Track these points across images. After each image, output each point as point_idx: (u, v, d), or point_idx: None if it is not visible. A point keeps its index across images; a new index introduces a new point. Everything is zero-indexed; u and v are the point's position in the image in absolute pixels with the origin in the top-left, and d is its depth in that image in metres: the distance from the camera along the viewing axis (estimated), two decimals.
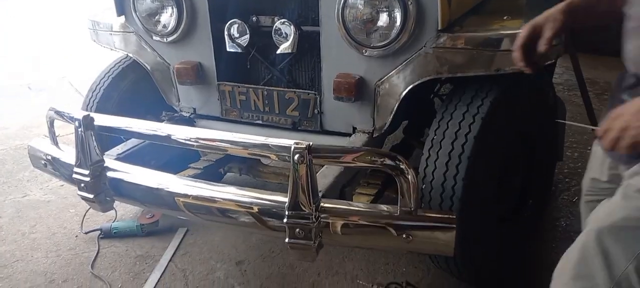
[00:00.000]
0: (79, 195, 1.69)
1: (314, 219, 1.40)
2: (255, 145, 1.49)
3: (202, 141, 1.54)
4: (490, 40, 1.60)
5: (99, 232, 2.53)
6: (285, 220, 1.41)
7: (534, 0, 2.32)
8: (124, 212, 2.70)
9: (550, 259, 2.22)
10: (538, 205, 2.28)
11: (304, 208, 1.39)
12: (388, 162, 1.37)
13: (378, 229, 1.43)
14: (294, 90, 1.97)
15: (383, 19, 1.67)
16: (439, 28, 1.62)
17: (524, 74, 1.66)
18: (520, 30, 1.61)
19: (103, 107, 2.30)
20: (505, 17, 1.76)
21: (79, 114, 1.60)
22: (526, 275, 2.15)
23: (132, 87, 2.40)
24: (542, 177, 2.26)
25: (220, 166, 2.39)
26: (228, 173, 2.50)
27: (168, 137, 1.59)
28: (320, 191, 1.49)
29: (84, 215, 2.62)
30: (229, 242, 2.45)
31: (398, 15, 1.64)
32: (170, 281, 2.21)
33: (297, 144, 1.37)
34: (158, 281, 2.20)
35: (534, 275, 2.14)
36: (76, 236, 2.56)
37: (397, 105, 1.80)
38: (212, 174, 2.29)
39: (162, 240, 2.49)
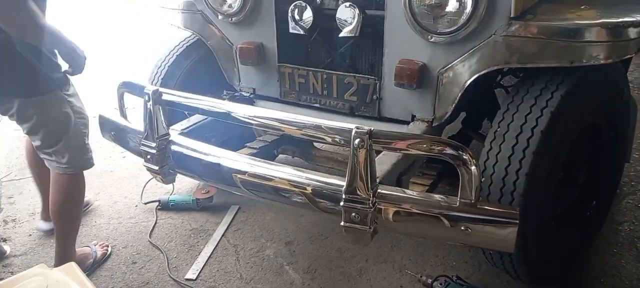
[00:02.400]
0: (144, 166, 1.76)
1: (370, 205, 1.39)
2: (316, 127, 1.49)
3: (268, 120, 1.56)
4: (566, 30, 1.52)
5: (157, 203, 2.64)
6: (341, 203, 1.41)
7: None
8: (181, 186, 2.81)
9: (611, 264, 2.14)
10: (602, 206, 2.18)
11: (361, 193, 1.39)
12: (451, 151, 1.34)
13: (436, 219, 1.40)
14: (354, 74, 1.96)
15: (452, 4, 1.62)
16: (512, 15, 1.55)
17: (599, 66, 1.58)
18: (598, 21, 1.54)
19: (166, 83, 2.39)
20: (582, 7, 1.66)
21: (149, 88, 1.66)
22: (585, 279, 2.06)
23: (194, 66, 2.47)
24: (608, 178, 2.15)
25: (274, 147, 2.43)
26: (280, 155, 2.54)
27: (232, 115, 1.62)
28: (377, 177, 1.48)
29: (144, 187, 2.76)
30: (280, 222, 2.50)
31: (468, 1, 1.58)
32: (222, 255, 2.29)
33: (358, 128, 1.36)
34: (211, 254, 2.29)
35: (592, 280, 2.05)
36: (136, 206, 2.69)
37: (460, 94, 1.76)
38: (266, 154, 2.33)
39: (215, 215, 2.57)
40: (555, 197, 1.75)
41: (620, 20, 1.54)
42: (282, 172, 1.58)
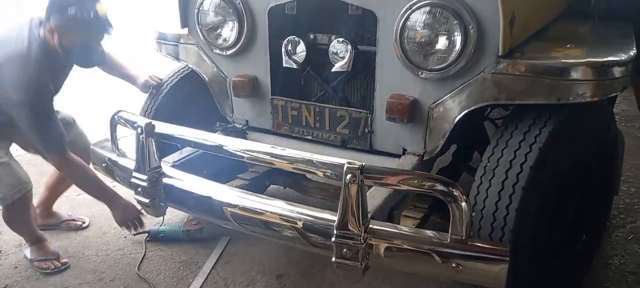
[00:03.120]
0: (135, 198, 1.75)
1: (362, 241, 1.39)
2: (308, 162, 1.50)
3: (259, 154, 1.58)
4: (553, 69, 1.56)
5: (147, 234, 2.61)
6: (333, 239, 1.41)
7: (597, 28, 2.26)
8: (171, 217, 2.78)
9: None
10: (592, 240, 2.18)
11: (352, 229, 1.39)
12: (441, 188, 1.35)
13: (427, 256, 1.40)
14: (346, 108, 1.99)
15: (442, 42, 1.66)
16: (500, 54, 1.59)
17: (586, 104, 1.61)
18: (584, 60, 1.58)
19: (159, 114, 2.39)
20: (568, 46, 1.71)
21: (142, 121, 1.67)
22: None
23: (187, 97, 2.49)
24: (597, 212, 2.16)
25: (266, 178, 2.44)
26: (272, 185, 2.54)
27: (224, 148, 1.63)
28: (369, 212, 1.48)
29: None
30: (270, 254, 2.48)
31: (458, 39, 1.62)
32: None
33: (350, 163, 1.37)
34: None
35: None
36: (125, 237, 2.65)
37: (450, 129, 1.78)
38: (258, 185, 2.33)
39: (205, 247, 2.54)
40: (546, 233, 1.76)
41: (606, 59, 1.58)
42: (273, 206, 1.59)
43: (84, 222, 2.74)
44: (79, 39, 2.04)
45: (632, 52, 1.66)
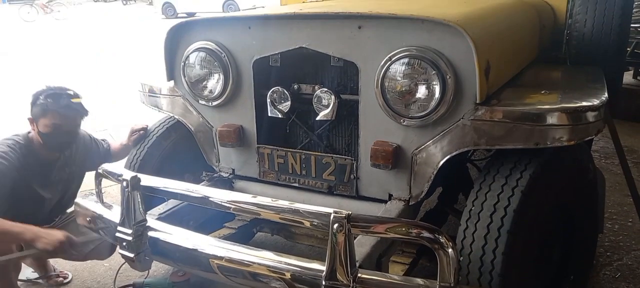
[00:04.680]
0: (120, 253, 1.73)
1: None
2: (294, 211, 1.51)
3: (246, 205, 1.58)
4: (529, 115, 1.61)
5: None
6: None
7: (569, 72, 2.35)
8: (156, 269, 2.72)
9: None
10: (579, 280, 2.19)
11: (341, 279, 1.39)
12: (428, 235, 1.36)
13: None
14: (331, 155, 2.01)
15: (422, 91, 1.71)
16: (477, 101, 1.65)
17: (564, 147, 1.66)
18: (559, 106, 1.64)
19: (146, 164, 2.39)
20: (542, 91, 1.77)
21: (127, 174, 1.67)
22: None
23: (173, 147, 2.50)
24: (583, 251, 2.18)
25: (253, 226, 2.42)
26: (259, 233, 2.52)
27: (210, 199, 1.63)
28: (357, 261, 1.48)
29: (118, 270, 2.65)
30: None
31: (437, 88, 1.67)
32: None
33: (336, 212, 1.38)
34: None
35: None
36: None
37: (434, 174, 1.81)
38: (245, 234, 2.31)
39: None
40: (533, 275, 1.77)
41: (580, 104, 1.64)
42: (260, 257, 1.57)
43: (66, 277, 2.67)
44: (53, 123, 2.20)
45: (604, 97, 1.73)
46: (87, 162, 2.50)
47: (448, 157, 1.76)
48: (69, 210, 2.58)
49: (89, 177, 2.01)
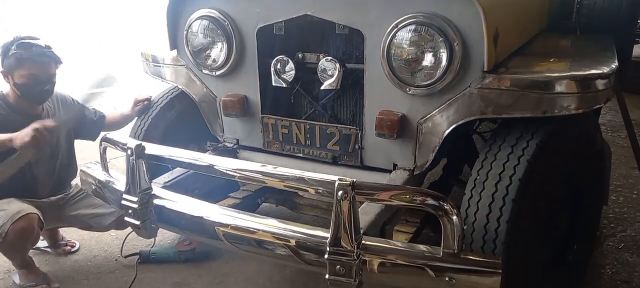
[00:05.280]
0: (126, 220, 1.74)
1: (355, 257, 1.39)
2: (299, 179, 1.51)
3: (251, 173, 1.58)
4: (538, 83, 1.58)
5: (138, 256, 2.58)
6: (326, 256, 1.41)
7: (579, 41, 2.31)
8: (162, 238, 2.75)
9: None
10: (583, 251, 2.20)
11: (345, 245, 1.39)
12: (432, 202, 1.37)
13: (421, 270, 1.41)
14: (336, 125, 2.00)
15: (428, 59, 1.68)
16: (485, 69, 1.62)
17: (571, 116, 1.64)
18: (568, 74, 1.61)
19: (150, 135, 2.39)
20: (551, 60, 1.74)
21: (132, 143, 1.67)
22: None
23: (177, 117, 2.49)
24: (588, 222, 2.18)
25: (258, 197, 2.43)
26: (264, 204, 2.53)
27: (215, 168, 1.63)
28: (361, 228, 1.48)
29: (124, 239, 2.69)
30: (264, 273, 2.46)
31: (443, 56, 1.65)
32: None
33: (341, 179, 1.38)
34: None
35: None
36: (116, 260, 2.63)
37: (439, 143, 1.80)
38: (250, 204, 2.32)
39: (198, 267, 2.52)
40: (538, 244, 1.77)
41: (589, 72, 1.62)
42: (265, 224, 1.58)
43: (73, 246, 2.71)
44: (30, 73, 2.19)
45: (614, 65, 1.70)
46: (73, 123, 2.46)
47: (454, 126, 1.75)
48: (73, 183, 2.60)
49: (92, 150, 2.01)
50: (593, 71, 1.62)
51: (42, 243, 2.67)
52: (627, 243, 2.63)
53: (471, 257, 1.41)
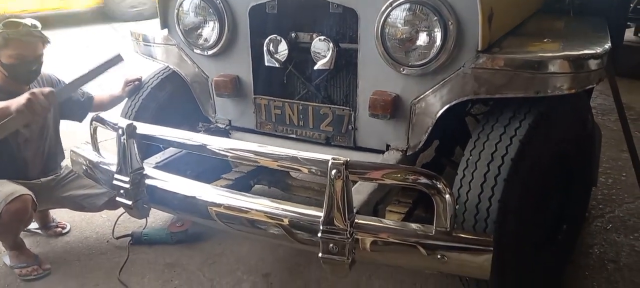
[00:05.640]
0: (118, 201, 1.73)
1: (348, 235, 1.40)
2: (292, 159, 1.50)
3: (244, 152, 1.57)
4: (531, 63, 1.59)
5: (130, 238, 2.58)
6: (319, 234, 1.41)
7: (573, 22, 2.31)
8: (154, 219, 2.75)
9: (584, 287, 2.18)
10: (572, 231, 2.23)
11: (338, 224, 1.40)
12: (425, 180, 1.37)
13: (413, 248, 1.42)
14: (329, 105, 1.99)
15: (422, 38, 1.68)
16: (479, 49, 1.62)
17: (564, 96, 1.65)
18: (561, 54, 1.61)
19: (140, 116, 2.36)
20: (545, 40, 1.74)
21: (123, 122, 1.65)
22: None
23: (169, 98, 2.47)
24: (577, 203, 2.21)
25: (250, 178, 2.42)
26: (256, 186, 2.53)
27: (208, 147, 1.62)
28: (354, 207, 1.49)
29: (116, 221, 2.68)
30: (256, 254, 2.47)
31: (438, 35, 1.64)
32: None
33: (334, 159, 1.38)
34: None
35: None
36: (107, 241, 2.62)
37: (432, 124, 1.80)
38: (242, 186, 2.32)
39: (190, 248, 2.52)
40: (529, 223, 1.79)
41: (582, 52, 1.62)
42: (258, 204, 1.58)
43: (64, 227, 2.69)
44: (18, 53, 2.16)
45: (607, 45, 1.70)
46: (59, 105, 2.41)
47: (447, 106, 1.75)
48: (64, 164, 2.57)
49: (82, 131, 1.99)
50: (586, 51, 1.62)
51: (32, 225, 2.65)
52: (615, 224, 2.67)
53: (463, 235, 1.42)
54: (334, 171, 1.37)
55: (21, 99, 2.00)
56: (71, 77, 2.29)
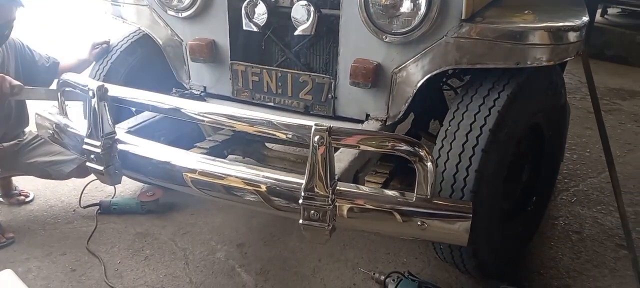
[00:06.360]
0: (88, 166, 1.65)
1: (329, 202, 1.39)
2: (273, 125, 1.47)
3: (221, 117, 1.52)
4: (512, 33, 1.59)
5: (98, 207, 2.49)
6: (300, 201, 1.40)
7: None
8: (123, 189, 2.67)
9: (549, 256, 2.27)
10: (541, 202, 2.30)
11: (320, 191, 1.38)
12: (407, 147, 1.37)
13: (393, 215, 1.42)
14: (309, 73, 1.95)
15: (406, 5, 1.65)
16: (463, 18, 1.61)
17: (541, 68, 1.67)
18: (542, 25, 1.63)
19: (109, 81, 2.24)
20: (526, 11, 1.75)
21: (93, 84, 1.56)
22: (525, 271, 2.17)
23: (140, 63, 2.36)
24: (547, 175, 2.28)
25: (225, 147, 2.36)
26: (230, 155, 2.48)
27: (182, 111, 1.56)
28: (335, 174, 1.47)
29: (83, 190, 2.59)
30: (230, 224, 2.44)
31: (422, 3, 1.62)
32: (170, 260, 2.20)
33: (317, 125, 1.35)
34: (158, 259, 2.18)
35: (532, 272, 2.17)
36: (74, 210, 2.53)
37: (413, 94, 1.79)
38: (216, 155, 2.25)
39: (162, 218, 2.47)
40: (502, 194, 1.83)
41: (562, 24, 1.64)
42: (236, 169, 1.54)
43: (27, 196, 2.58)
44: None
45: (585, 18, 1.73)
46: (24, 71, 2.34)
47: (428, 76, 1.74)
48: (27, 130, 2.45)
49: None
50: (566, 23, 1.64)
51: None
52: (579, 197, 2.78)
53: (443, 202, 1.44)
54: (317, 137, 1.34)
55: None
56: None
